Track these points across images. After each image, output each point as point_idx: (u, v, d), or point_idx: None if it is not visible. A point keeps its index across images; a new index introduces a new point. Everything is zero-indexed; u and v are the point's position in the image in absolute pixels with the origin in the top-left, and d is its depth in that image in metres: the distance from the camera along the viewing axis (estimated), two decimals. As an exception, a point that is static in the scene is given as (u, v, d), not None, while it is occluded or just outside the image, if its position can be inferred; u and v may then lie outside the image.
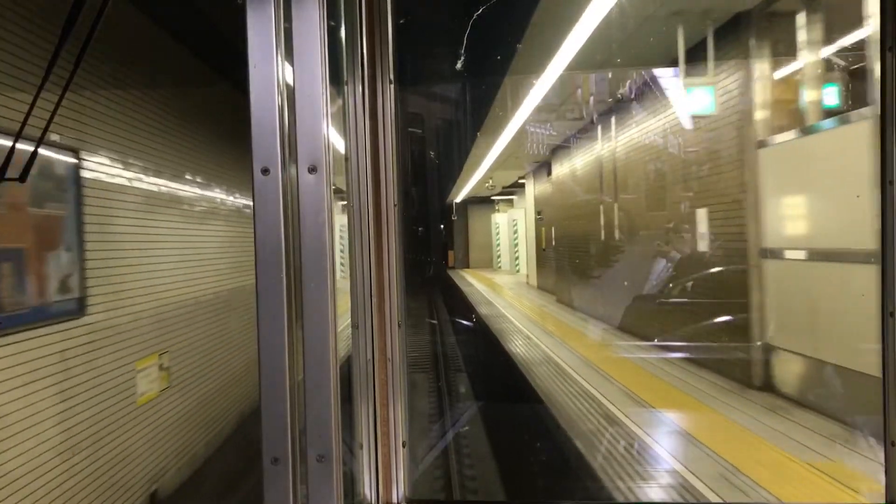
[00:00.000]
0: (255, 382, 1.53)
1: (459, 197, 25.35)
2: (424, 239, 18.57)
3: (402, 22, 2.18)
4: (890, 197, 1.89)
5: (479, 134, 12.43)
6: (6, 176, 1.96)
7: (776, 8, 6.16)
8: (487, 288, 18.69)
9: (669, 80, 7.84)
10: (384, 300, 2.09)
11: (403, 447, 2.11)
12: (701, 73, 6.96)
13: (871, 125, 4.36)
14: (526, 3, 6.20)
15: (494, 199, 26.35)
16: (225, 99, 7.35)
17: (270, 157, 1.49)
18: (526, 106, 9.85)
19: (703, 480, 4.18)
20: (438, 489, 6.43)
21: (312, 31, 1.50)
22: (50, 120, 1.97)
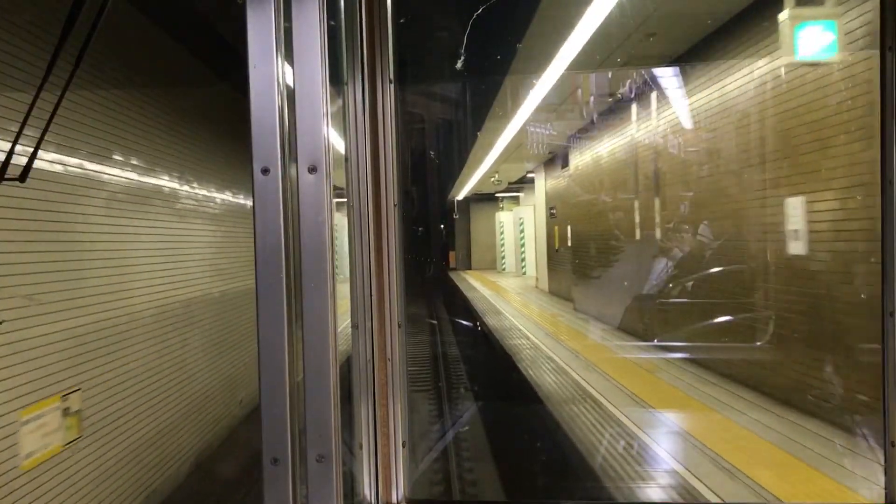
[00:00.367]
0: (220, 411, 1.51)
1: (461, 194, 24.22)
2: (424, 239, 17.63)
3: (402, 22, 2.18)
4: (890, 197, 1.90)
5: (483, 124, 11.06)
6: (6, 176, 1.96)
7: None
8: (493, 293, 17.06)
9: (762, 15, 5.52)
10: (384, 300, 2.10)
11: (403, 447, 2.11)
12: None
13: None
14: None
15: (499, 196, 24.89)
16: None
17: (270, 157, 1.49)
18: (536, 93, 8.38)
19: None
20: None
21: (312, 31, 1.50)
22: (50, 120, 1.97)
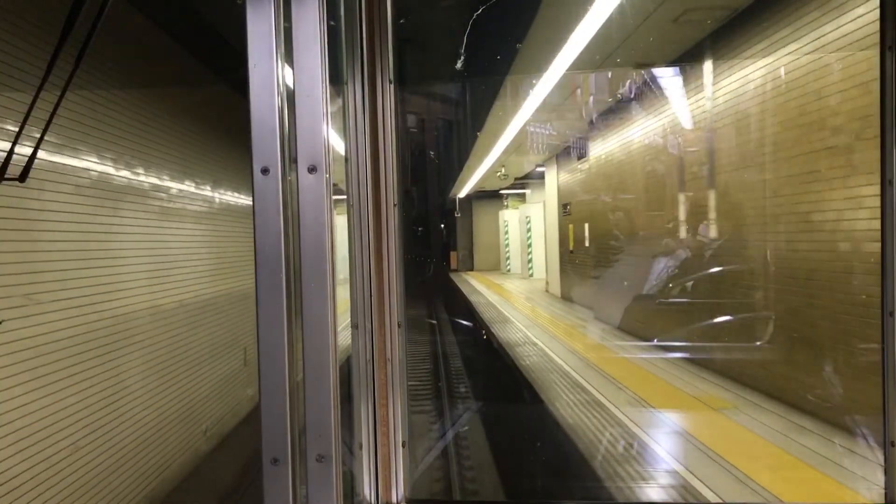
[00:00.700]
0: (169, 452, 1.48)
1: (463, 192, 22.86)
2: (424, 239, 16.92)
3: (402, 22, 2.18)
4: (890, 197, 1.90)
5: (489, 114, 9.95)
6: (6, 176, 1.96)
7: None
8: (500, 298, 15.46)
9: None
10: (384, 300, 2.10)
11: (403, 447, 2.12)
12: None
13: None
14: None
15: (503, 193, 23.41)
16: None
17: (270, 156, 1.49)
18: (551, 74, 7.22)
19: None
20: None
21: (312, 31, 1.50)
22: (49, 120, 1.98)
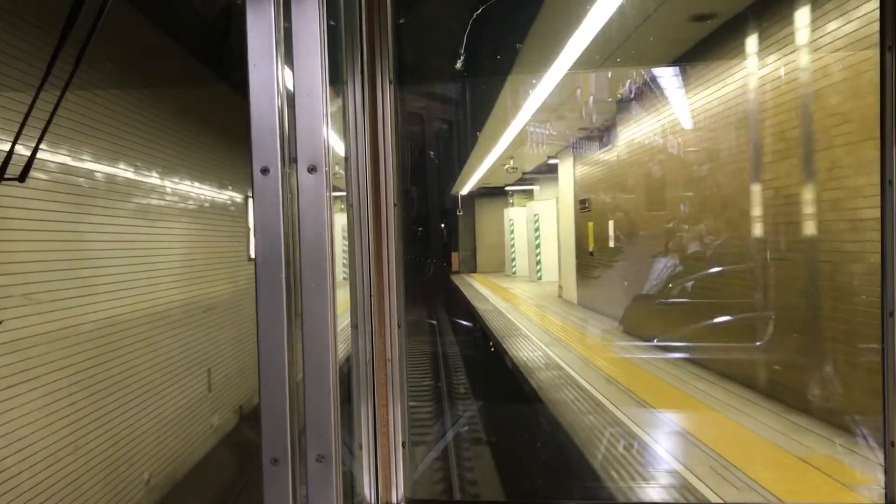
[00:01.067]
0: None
1: (466, 188, 21.55)
2: (423, 239, 16.10)
3: (401, 22, 2.18)
4: (890, 197, 1.89)
5: (495, 104, 9.15)
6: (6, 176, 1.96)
7: None
8: (508, 305, 13.61)
9: None
10: (384, 300, 2.10)
11: (403, 447, 2.11)
12: None
13: None
14: None
15: (509, 189, 22.13)
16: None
17: (270, 157, 1.49)
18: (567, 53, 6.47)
19: None
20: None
21: (312, 31, 1.50)
22: (49, 120, 1.98)
